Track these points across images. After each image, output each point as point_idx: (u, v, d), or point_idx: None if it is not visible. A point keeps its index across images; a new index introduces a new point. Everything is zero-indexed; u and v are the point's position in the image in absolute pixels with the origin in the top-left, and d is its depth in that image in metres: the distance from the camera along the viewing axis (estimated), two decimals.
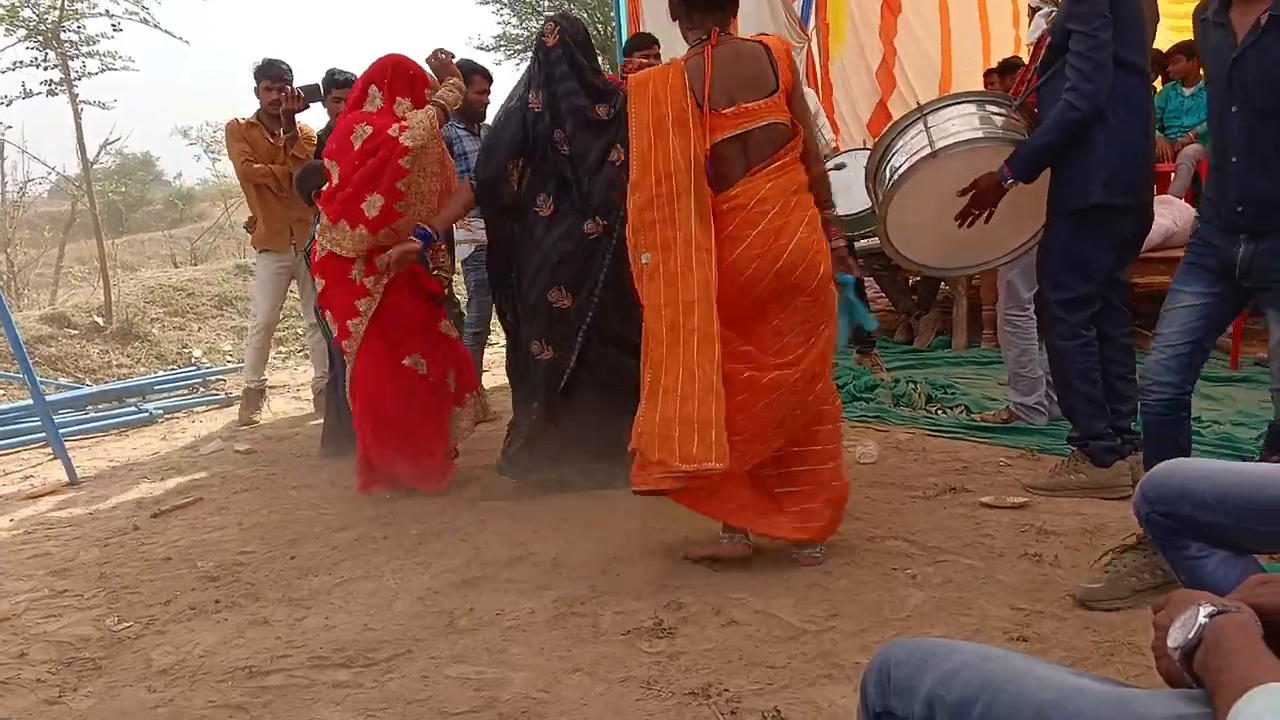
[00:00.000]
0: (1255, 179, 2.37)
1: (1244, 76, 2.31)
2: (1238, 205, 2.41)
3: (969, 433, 4.13)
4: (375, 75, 3.68)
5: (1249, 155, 2.37)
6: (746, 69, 2.75)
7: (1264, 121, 2.33)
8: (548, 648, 2.46)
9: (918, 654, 1.21)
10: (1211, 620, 0.97)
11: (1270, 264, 2.39)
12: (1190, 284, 2.56)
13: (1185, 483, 1.71)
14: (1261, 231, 2.39)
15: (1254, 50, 2.28)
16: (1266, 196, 2.36)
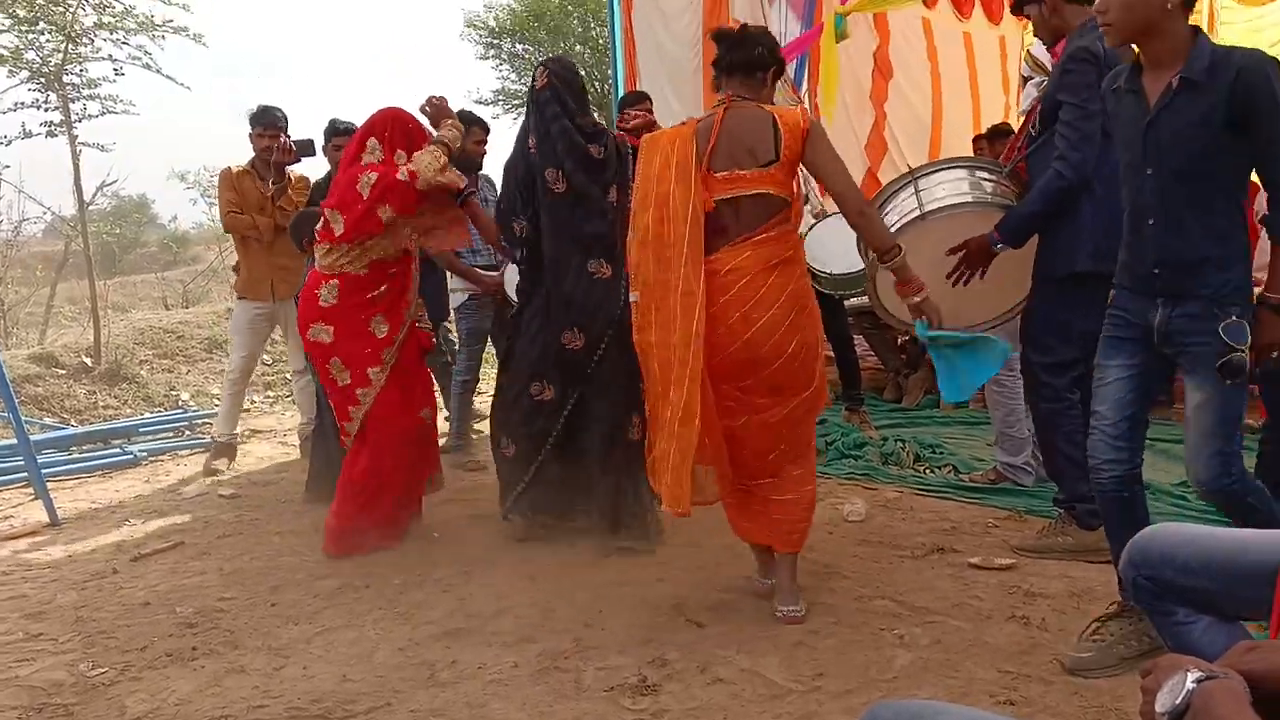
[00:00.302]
0: (1171, 240, 2.36)
1: (1158, 139, 2.33)
2: (1154, 268, 2.40)
3: (957, 492, 4.13)
4: (375, 128, 3.69)
5: (1164, 217, 2.37)
6: (748, 137, 2.78)
7: (1178, 183, 2.34)
8: (529, 703, 2.43)
9: (904, 716, 1.20)
10: (1200, 686, 0.97)
11: (1186, 327, 2.36)
12: (1114, 357, 2.51)
13: (1169, 548, 1.71)
14: (1177, 294, 2.37)
15: (1166, 113, 2.31)
16: (1182, 257, 2.36)
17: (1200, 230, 2.34)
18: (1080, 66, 2.98)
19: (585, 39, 19.51)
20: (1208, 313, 2.32)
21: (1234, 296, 2.32)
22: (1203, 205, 2.34)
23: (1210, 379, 2.31)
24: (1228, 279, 2.33)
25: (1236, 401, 2.34)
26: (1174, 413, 5.09)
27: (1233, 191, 2.36)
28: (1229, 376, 2.28)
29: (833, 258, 4.92)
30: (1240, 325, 2.29)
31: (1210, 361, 2.29)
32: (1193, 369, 2.37)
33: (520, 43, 19.98)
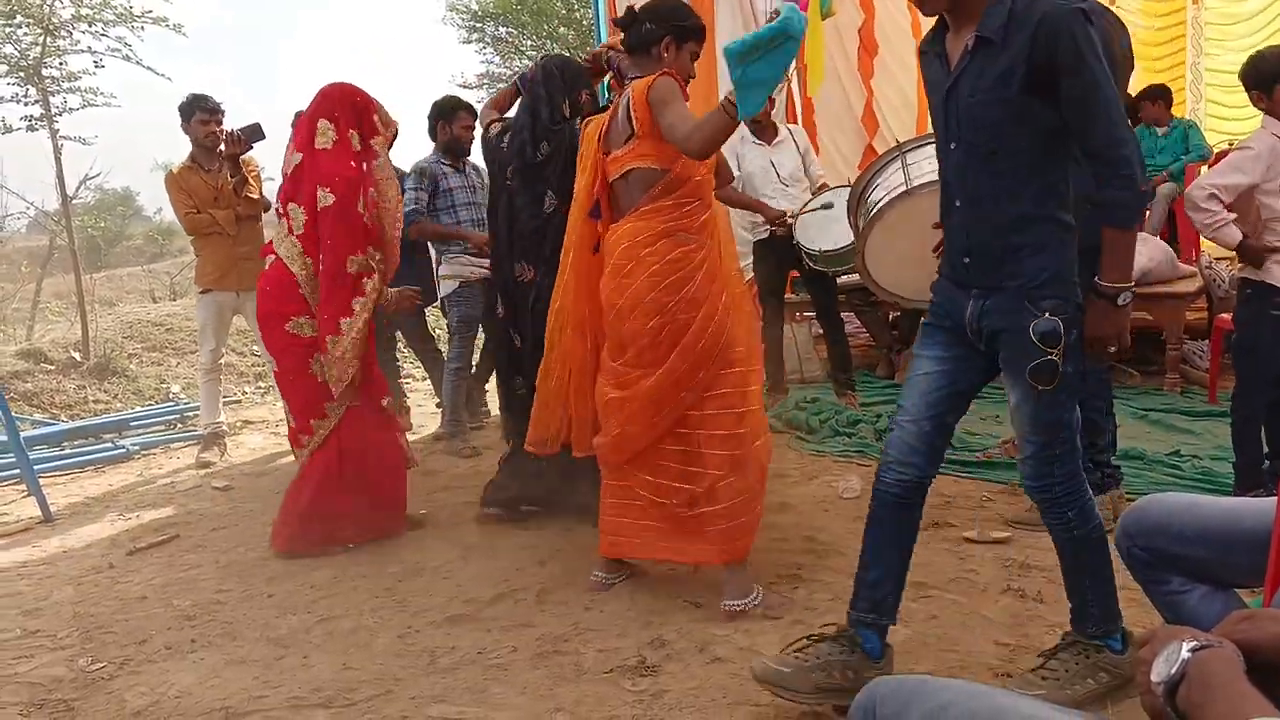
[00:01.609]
0: (978, 223, 2.11)
1: (957, 107, 2.08)
2: (964, 255, 2.15)
3: (950, 467, 4.14)
4: (324, 109, 3.60)
5: (970, 197, 2.12)
6: (618, 116, 2.87)
7: (982, 157, 2.08)
8: (530, 687, 2.43)
9: (903, 691, 1.21)
10: (1195, 655, 0.98)
11: (997, 323, 2.11)
12: (927, 347, 2.25)
13: (1163, 518, 1.72)
14: (989, 285, 2.12)
15: (964, 77, 2.05)
16: (990, 243, 2.10)
17: (1010, 212, 2.07)
18: None
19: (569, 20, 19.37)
20: (1019, 307, 2.07)
21: (1049, 288, 2.06)
22: (1011, 183, 2.06)
23: (1022, 382, 2.09)
24: (1041, 267, 2.06)
25: (1056, 405, 2.09)
26: (1165, 381, 5.12)
27: (1046, 166, 2.06)
28: (1040, 383, 2.06)
29: (821, 235, 4.91)
30: (1053, 324, 2.04)
31: (1021, 365, 2.07)
32: (1006, 369, 2.15)
33: (503, 26, 19.83)
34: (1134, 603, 2.53)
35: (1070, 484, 2.15)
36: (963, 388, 2.22)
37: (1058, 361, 2.04)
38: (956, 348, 2.20)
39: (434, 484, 4.48)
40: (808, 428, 4.90)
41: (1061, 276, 2.07)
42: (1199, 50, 8.74)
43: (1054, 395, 2.07)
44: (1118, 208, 2.04)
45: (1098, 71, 1.93)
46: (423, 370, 6.65)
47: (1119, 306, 2.09)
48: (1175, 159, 6.89)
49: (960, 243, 2.16)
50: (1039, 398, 2.08)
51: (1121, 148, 1.97)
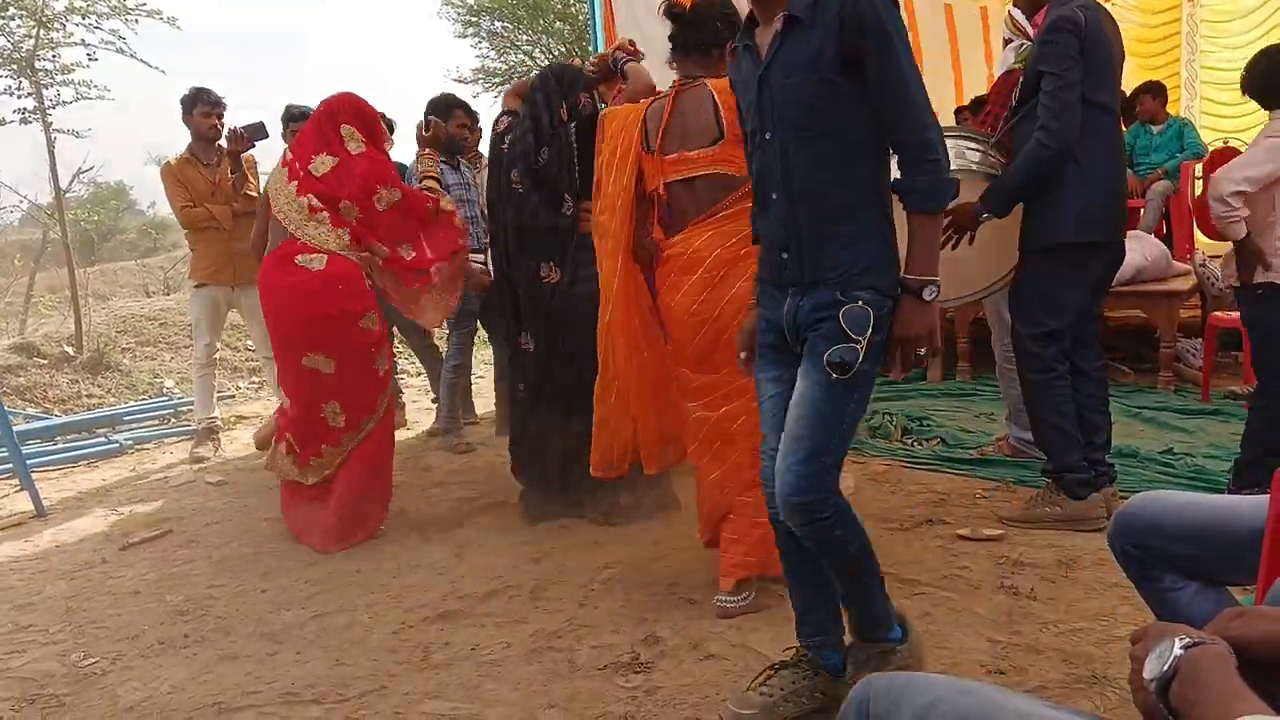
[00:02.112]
0: (794, 216, 2.02)
1: (771, 94, 2.00)
2: (782, 250, 2.06)
3: (945, 464, 4.15)
4: (342, 116, 3.66)
5: (787, 188, 2.03)
6: (693, 117, 2.75)
7: (798, 145, 2.00)
8: (524, 683, 2.43)
9: (896, 687, 1.21)
10: (1187, 652, 0.98)
11: (810, 318, 2.01)
12: (763, 368, 2.16)
13: (1158, 515, 1.72)
14: (807, 282, 2.02)
15: (776, 62, 1.99)
16: (808, 239, 2.01)
17: (830, 200, 2.00)
18: (1060, 37, 2.98)
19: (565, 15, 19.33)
20: (833, 299, 1.98)
21: (866, 277, 1.97)
22: (831, 169, 1.99)
23: (816, 367, 1.96)
24: (855, 258, 1.98)
25: (842, 403, 1.96)
26: (1159, 379, 5.13)
27: (864, 152, 1.99)
28: (835, 370, 1.93)
29: None
30: (863, 313, 1.94)
31: (821, 349, 1.96)
32: (805, 356, 2.02)
33: (499, 20, 19.78)
34: (1128, 601, 2.55)
35: (835, 499, 2.00)
36: None
37: (859, 351, 1.93)
38: (786, 366, 2.09)
39: (429, 480, 4.48)
40: None
41: (879, 268, 1.99)
42: (1194, 48, 8.76)
43: (844, 390, 1.95)
44: (926, 193, 1.97)
45: (903, 54, 1.92)
46: (417, 366, 6.64)
47: (926, 302, 1.97)
48: (1170, 157, 6.90)
49: (778, 238, 2.06)
50: (828, 389, 1.95)
51: (927, 131, 1.95)
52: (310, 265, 3.50)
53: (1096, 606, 2.64)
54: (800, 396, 1.99)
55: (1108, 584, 2.75)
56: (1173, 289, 5.12)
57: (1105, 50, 3.05)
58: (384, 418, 3.70)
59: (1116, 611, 2.59)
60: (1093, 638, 2.46)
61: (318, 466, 3.65)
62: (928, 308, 1.98)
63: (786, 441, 1.99)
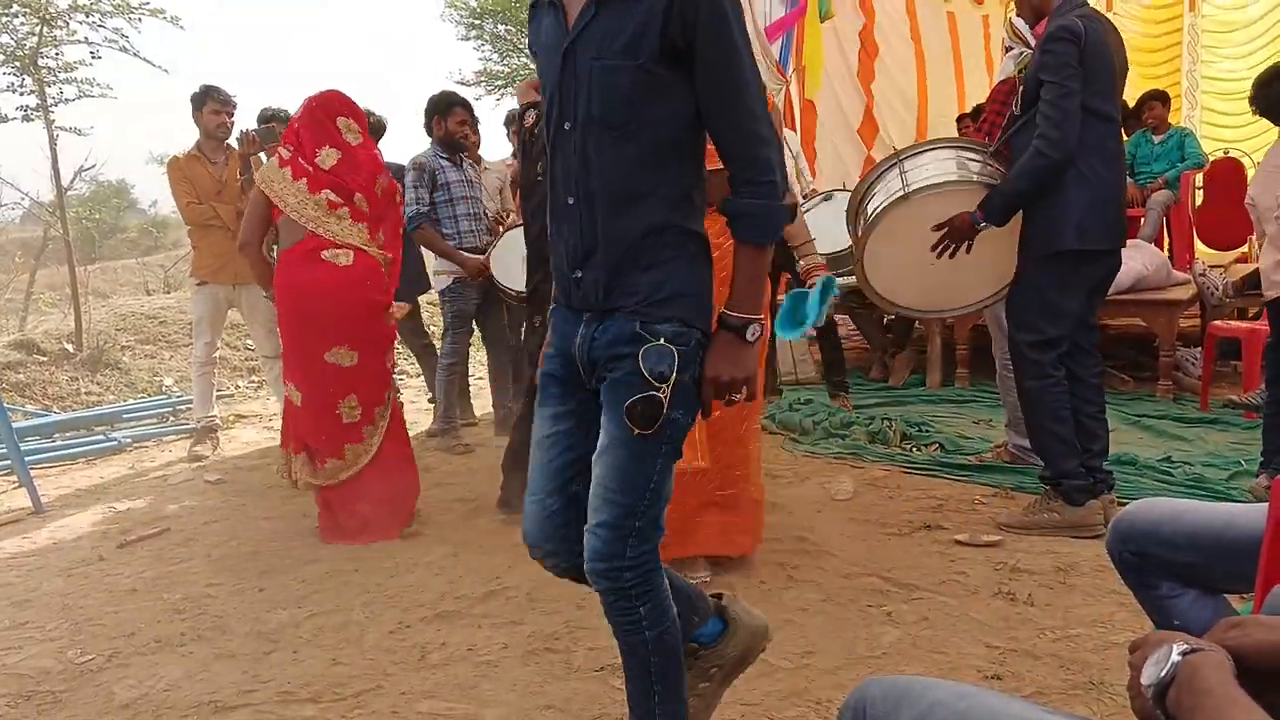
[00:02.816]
0: (594, 224, 1.69)
1: (576, 75, 1.66)
2: (575, 269, 1.72)
3: (944, 470, 4.15)
4: (335, 109, 3.70)
5: (586, 194, 1.69)
6: None
7: (604, 141, 1.66)
8: (520, 684, 2.43)
9: (893, 692, 1.21)
10: (1185, 658, 0.98)
11: (607, 352, 1.69)
12: (544, 402, 1.83)
13: (1156, 522, 1.72)
14: (603, 307, 1.71)
15: (587, 36, 1.64)
16: (608, 257, 1.68)
17: (638, 213, 1.67)
18: (1060, 46, 2.99)
19: None
20: (632, 333, 1.67)
21: (668, 307, 1.67)
22: (643, 176, 1.67)
23: (616, 419, 1.66)
24: (659, 282, 1.67)
25: (649, 460, 1.67)
26: (1158, 388, 5.14)
27: (680, 159, 1.69)
28: (637, 424, 1.63)
29: (820, 237, 4.92)
30: (666, 352, 1.64)
31: (620, 399, 1.65)
32: (605, 404, 1.71)
33: (502, 23, 19.81)
34: (1125, 607, 2.55)
35: (644, 569, 1.70)
36: (587, 450, 1.75)
37: (663, 401, 1.63)
38: (576, 397, 1.78)
39: (427, 481, 4.47)
40: (801, 429, 4.91)
41: (687, 297, 1.69)
42: (1195, 58, 8.78)
43: (651, 445, 1.66)
44: (754, 219, 1.67)
45: (741, 50, 1.61)
46: (417, 367, 6.64)
47: (748, 343, 1.69)
48: (1171, 166, 6.91)
49: (572, 253, 1.73)
50: (631, 445, 1.65)
51: (762, 146, 1.64)
52: (338, 260, 3.57)
53: (1094, 613, 2.64)
54: (603, 448, 1.69)
55: (1105, 590, 2.75)
56: (1172, 298, 5.13)
57: (1105, 59, 3.05)
58: (394, 409, 3.78)
59: (1114, 618, 2.59)
60: (1090, 644, 2.46)
61: (334, 469, 3.63)
62: (748, 350, 1.70)
63: (594, 498, 1.71)
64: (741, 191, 1.66)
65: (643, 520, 1.68)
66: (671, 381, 1.64)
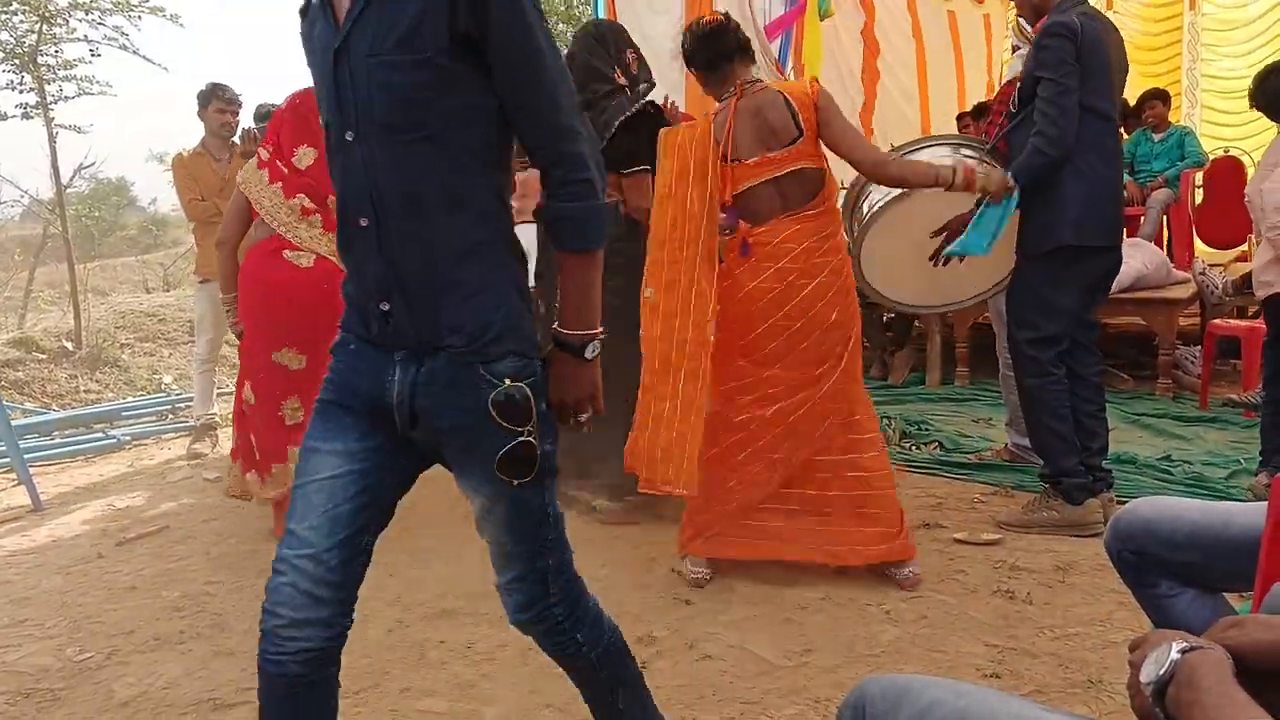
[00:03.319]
0: (399, 254, 1.48)
1: (352, 76, 1.45)
2: (381, 300, 1.51)
3: (943, 468, 4.15)
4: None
5: (384, 213, 1.47)
6: (767, 120, 2.84)
7: (399, 151, 1.45)
8: (519, 682, 2.43)
9: (892, 690, 1.21)
10: (1184, 656, 0.98)
11: (436, 403, 1.50)
12: (327, 437, 1.55)
13: (1155, 521, 1.72)
14: (421, 346, 1.50)
15: (359, 30, 1.43)
16: (420, 285, 1.48)
17: (449, 230, 1.48)
18: (1056, 42, 2.99)
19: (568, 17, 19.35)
20: (468, 377, 1.48)
21: (504, 342, 1.49)
22: (448, 185, 1.47)
23: (488, 481, 1.52)
24: (486, 316, 1.49)
25: (537, 498, 1.56)
26: (1157, 386, 5.14)
27: (485, 166, 1.50)
28: (516, 475, 1.50)
29: None
30: (518, 393, 1.48)
31: (487, 457, 1.49)
32: (460, 466, 1.57)
33: None
34: (1124, 606, 2.55)
35: (569, 596, 1.65)
36: (387, 495, 1.59)
37: (534, 442, 1.50)
38: (373, 436, 1.55)
39: (426, 478, 4.46)
40: None
41: (516, 324, 1.51)
42: (1195, 56, 8.77)
43: (533, 488, 1.54)
44: (576, 224, 1.52)
45: (539, 32, 1.44)
46: None
47: (587, 361, 1.55)
48: (1171, 165, 6.91)
49: (373, 282, 1.51)
50: (513, 497, 1.53)
51: (572, 141, 1.48)
52: (299, 261, 3.52)
53: (1093, 611, 2.65)
54: (488, 509, 1.56)
55: (1104, 589, 2.75)
56: (1172, 297, 5.13)
57: (1102, 57, 3.05)
58: None
59: (1113, 617, 2.59)
60: (1089, 642, 2.47)
61: (281, 475, 3.52)
62: (589, 367, 1.56)
63: (495, 557, 1.63)
64: (557, 193, 1.50)
65: (553, 554, 1.62)
66: (534, 421, 1.50)
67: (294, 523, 1.55)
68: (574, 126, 1.49)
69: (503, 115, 1.49)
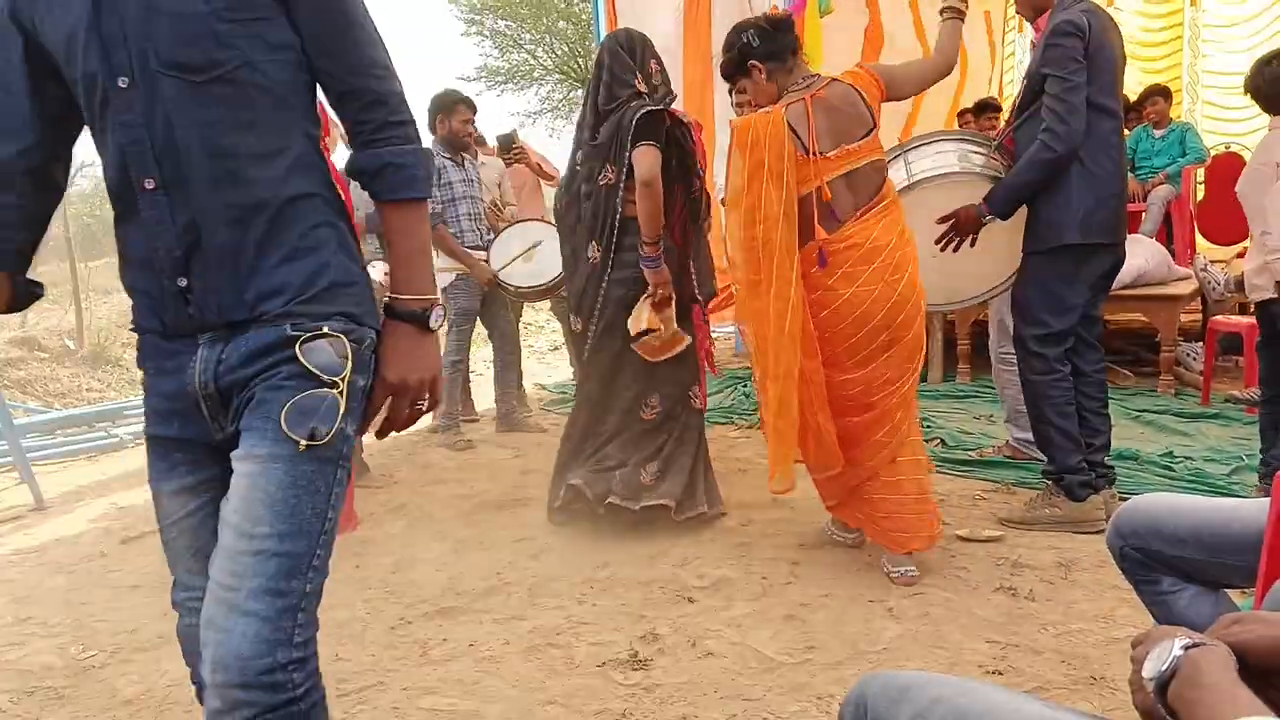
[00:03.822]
0: (197, 218, 1.28)
1: (123, 10, 1.24)
2: (178, 276, 1.30)
3: (945, 465, 4.15)
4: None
5: (176, 171, 1.27)
6: (847, 111, 2.84)
7: (187, 98, 1.25)
8: (522, 679, 2.44)
9: (894, 687, 1.21)
10: (1187, 653, 0.98)
11: (244, 373, 1.29)
12: (165, 476, 1.43)
13: (1157, 518, 1.72)
14: (230, 325, 1.30)
15: None
16: (224, 252, 1.28)
17: (257, 188, 1.28)
18: (1065, 40, 2.99)
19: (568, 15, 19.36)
20: (282, 337, 1.28)
21: (329, 301, 1.31)
22: (242, 139, 1.27)
23: (268, 435, 1.24)
24: (310, 272, 1.30)
25: (318, 495, 1.27)
26: (1159, 383, 5.13)
27: (298, 110, 1.34)
28: (302, 433, 1.24)
29: None
30: (337, 341, 1.29)
31: (275, 405, 1.25)
32: (247, 426, 1.28)
33: (502, 19, 19.80)
34: (1126, 603, 2.55)
35: (312, 664, 1.33)
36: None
37: (338, 400, 1.27)
38: (205, 466, 1.38)
39: (428, 477, 4.48)
40: None
41: (350, 288, 1.34)
42: (1196, 52, 8.75)
43: (323, 467, 1.27)
44: (405, 171, 1.36)
45: None
46: None
47: (429, 332, 1.37)
48: (1172, 161, 6.90)
49: (168, 256, 1.29)
50: (293, 467, 1.24)
51: (393, 79, 1.35)
52: None
53: (1095, 608, 2.64)
54: (246, 490, 1.24)
55: (1107, 586, 2.75)
56: (1174, 293, 5.12)
57: (1109, 54, 3.05)
58: None
59: (1115, 613, 2.59)
60: (1091, 639, 2.47)
61: None
62: (430, 341, 1.37)
63: (226, 571, 1.23)
64: (376, 139, 1.34)
65: (311, 583, 1.29)
66: (346, 379, 1.27)
67: (171, 567, 1.47)
68: (390, 64, 1.37)
69: (305, 49, 1.32)
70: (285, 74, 1.30)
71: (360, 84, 1.33)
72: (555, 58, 20.24)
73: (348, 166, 1.37)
